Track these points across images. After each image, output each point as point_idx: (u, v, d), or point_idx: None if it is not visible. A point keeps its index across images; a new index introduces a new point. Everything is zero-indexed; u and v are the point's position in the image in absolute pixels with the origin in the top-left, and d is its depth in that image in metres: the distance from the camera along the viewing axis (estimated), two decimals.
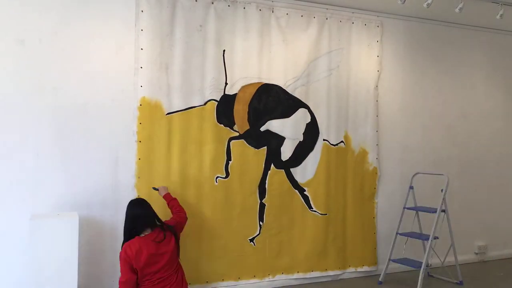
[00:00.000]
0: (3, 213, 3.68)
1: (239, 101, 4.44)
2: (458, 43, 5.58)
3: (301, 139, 4.71)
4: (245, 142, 4.46)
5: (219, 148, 4.34)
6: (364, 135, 5.00)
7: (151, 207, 3.66)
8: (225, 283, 4.39)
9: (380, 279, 4.82)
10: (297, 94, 4.67)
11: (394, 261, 4.86)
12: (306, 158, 4.72)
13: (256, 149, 4.51)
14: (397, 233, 4.92)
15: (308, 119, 4.74)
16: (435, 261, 5.06)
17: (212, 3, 4.33)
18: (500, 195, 5.86)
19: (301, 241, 4.68)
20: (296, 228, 4.67)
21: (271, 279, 4.56)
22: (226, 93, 4.39)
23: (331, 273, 4.81)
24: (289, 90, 4.64)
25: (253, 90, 4.50)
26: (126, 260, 3.39)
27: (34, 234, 3.36)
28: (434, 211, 4.76)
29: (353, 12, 4.93)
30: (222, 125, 4.36)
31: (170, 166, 4.15)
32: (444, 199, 4.76)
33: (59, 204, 3.83)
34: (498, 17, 4.83)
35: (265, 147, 4.55)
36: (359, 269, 4.98)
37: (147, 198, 4.06)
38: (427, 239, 4.68)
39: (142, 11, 4.08)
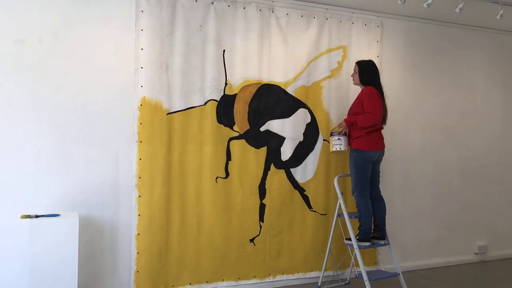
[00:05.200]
0: (3, 213, 3.68)
1: (239, 101, 4.44)
2: (458, 43, 5.58)
3: (301, 139, 4.71)
4: (245, 142, 4.47)
5: (219, 148, 4.35)
6: None
7: None
8: (225, 283, 4.39)
9: (319, 284, 4.59)
10: (297, 94, 4.67)
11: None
12: (306, 158, 4.72)
13: (256, 149, 4.51)
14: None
15: (308, 119, 4.74)
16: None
17: (212, 3, 4.33)
18: (500, 195, 5.86)
19: (301, 241, 4.68)
20: (296, 229, 4.67)
21: (271, 280, 4.56)
22: (226, 93, 4.39)
23: (331, 273, 4.80)
24: (289, 90, 4.64)
25: (253, 90, 4.50)
26: (378, 96, 4.24)
27: (34, 234, 3.36)
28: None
29: (353, 12, 4.93)
30: (222, 125, 4.36)
31: (170, 166, 4.15)
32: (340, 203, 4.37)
33: (59, 204, 3.83)
34: (498, 17, 4.83)
35: (265, 147, 4.55)
36: (358, 269, 4.96)
37: (148, 197, 4.08)
38: None
39: (142, 11, 4.08)
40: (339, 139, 4.33)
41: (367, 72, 4.37)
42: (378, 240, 4.36)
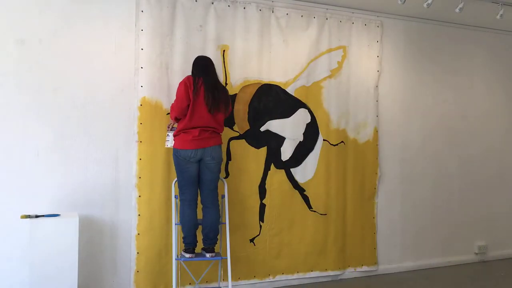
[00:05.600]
0: (3, 213, 3.68)
1: (239, 101, 4.44)
2: (458, 43, 5.58)
3: (301, 139, 4.71)
4: (246, 142, 4.46)
5: None
6: (364, 135, 5.00)
7: None
8: (225, 283, 4.38)
9: None
10: (297, 94, 4.67)
11: None
12: (306, 158, 4.72)
13: (256, 149, 4.51)
14: None
15: (308, 119, 4.74)
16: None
17: (212, 3, 4.33)
18: (500, 195, 5.86)
19: (301, 241, 4.68)
20: (296, 228, 4.67)
21: (271, 280, 4.56)
22: None
23: (331, 273, 4.81)
24: (289, 90, 4.64)
25: (253, 90, 4.50)
26: (185, 85, 3.78)
27: (34, 234, 3.36)
28: None
29: (353, 12, 4.93)
30: None
31: (170, 166, 4.14)
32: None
33: (59, 204, 3.83)
34: (498, 17, 4.84)
35: (265, 147, 4.55)
36: (358, 269, 4.97)
37: (148, 197, 4.08)
38: None
39: (142, 11, 4.08)
40: (167, 135, 4.02)
41: (193, 66, 3.94)
42: (206, 252, 3.90)
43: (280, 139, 4.62)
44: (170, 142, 3.98)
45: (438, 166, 5.46)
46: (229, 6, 4.39)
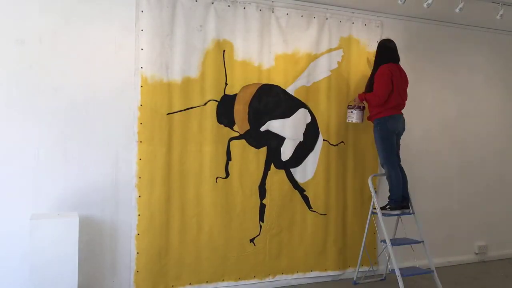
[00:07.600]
0: (3, 213, 3.68)
1: (239, 101, 4.44)
2: (458, 43, 5.58)
3: (301, 139, 4.71)
4: (246, 142, 4.46)
5: (219, 148, 4.35)
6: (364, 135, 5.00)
7: None
8: (225, 283, 4.39)
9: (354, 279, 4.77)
10: (297, 94, 4.67)
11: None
12: (306, 158, 4.72)
13: (257, 149, 4.51)
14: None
15: (308, 119, 4.74)
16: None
17: (212, 3, 4.33)
18: (500, 195, 5.86)
19: (301, 241, 4.69)
20: (296, 228, 4.67)
21: (271, 280, 4.56)
22: (226, 93, 4.39)
23: (330, 273, 4.81)
24: (289, 90, 4.64)
25: (253, 90, 4.50)
26: (388, 76, 4.46)
27: (34, 234, 3.36)
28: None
29: (353, 12, 4.93)
30: (222, 125, 4.36)
31: (170, 166, 4.15)
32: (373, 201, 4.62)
33: (59, 204, 3.83)
34: (498, 17, 4.84)
35: (265, 147, 4.55)
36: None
37: (148, 197, 4.07)
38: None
39: (142, 11, 4.08)
40: (351, 112, 4.66)
41: (378, 53, 4.68)
42: (404, 209, 4.58)
43: (280, 139, 4.62)
44: (355, 118, 4.64)
45: (438, 165, 5.46)
46: (229, 6, 4.39)
